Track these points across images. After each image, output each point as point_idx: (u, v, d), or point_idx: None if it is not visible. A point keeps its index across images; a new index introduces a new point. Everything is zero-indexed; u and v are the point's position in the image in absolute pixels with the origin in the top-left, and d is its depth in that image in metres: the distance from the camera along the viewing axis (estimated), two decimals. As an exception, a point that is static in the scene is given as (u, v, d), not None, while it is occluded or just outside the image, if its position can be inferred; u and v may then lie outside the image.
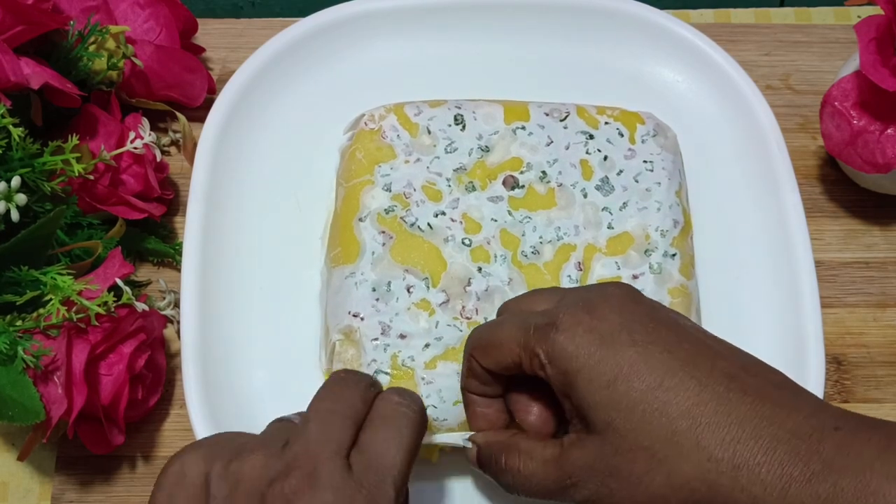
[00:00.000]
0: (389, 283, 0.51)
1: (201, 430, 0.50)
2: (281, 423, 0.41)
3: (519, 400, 0.46)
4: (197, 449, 0.39)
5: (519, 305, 0.47)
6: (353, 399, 0.41)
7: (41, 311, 0.49)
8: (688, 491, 0.38)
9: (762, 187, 0.58)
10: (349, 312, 0.51)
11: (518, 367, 0.44)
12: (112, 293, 0.50)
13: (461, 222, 0.53)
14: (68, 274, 0.50)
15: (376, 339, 0.50)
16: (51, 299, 0.49)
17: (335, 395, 0.42)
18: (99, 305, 0.49)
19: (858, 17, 0.67)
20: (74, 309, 0.49)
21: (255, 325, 0.55)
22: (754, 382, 0.40)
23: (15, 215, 0.49)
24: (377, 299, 0.51)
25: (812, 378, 0.54)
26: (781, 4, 0.72)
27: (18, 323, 0.50)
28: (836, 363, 0.57)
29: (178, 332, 0.57)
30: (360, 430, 0.40)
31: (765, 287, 0.56)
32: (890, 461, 0.36)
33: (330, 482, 0.38)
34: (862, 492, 0.35)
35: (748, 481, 0.37)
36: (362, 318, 0.50)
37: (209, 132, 0.57)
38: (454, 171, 0.54)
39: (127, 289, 0.50)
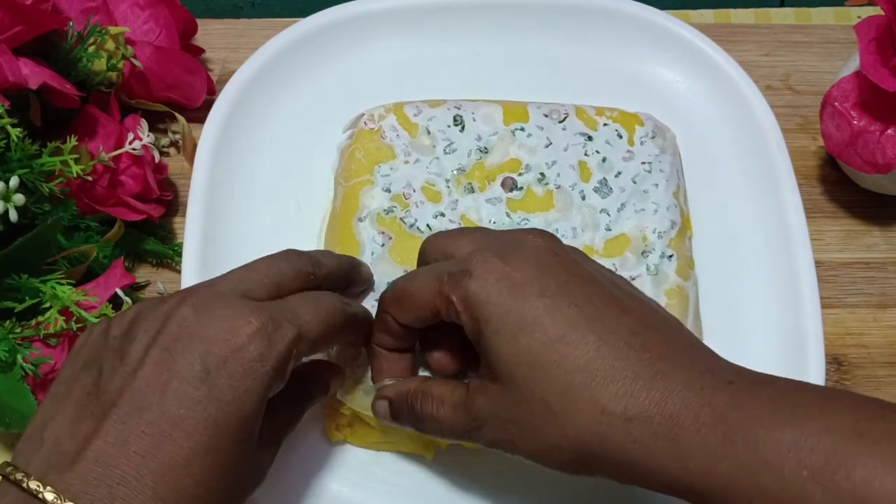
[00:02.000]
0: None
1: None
2: None
3: (428, 341, 0.47)
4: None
5: (438, 245, 0.47)
6: (283, 267, 0.43)
7: (40, 318, 0.49)
8: (581, 444, 0.39)
9: (762, 188, 0.58)
10: None
11: (434, 318, 0.44)
12: (111, 304, 0.50)
13: (460, 224, 0.53)
14: (68, 283, 0.50)
15: None
16: (50, 307, 0.49)
17: (265, 260, 0.43)
18: (97, 318, 0.49)
19: (858, 17, 0.67)
20: (73, 319, 0.49)
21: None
22: (656, 339, 0.40)
23: (13, 216, 0.49)
24: (377, 300, 0.51)
25: (812, 378, 0.53)
26: (781, 5, 0.71)
27: (18, 330, 0.50)
28: (836, 364, 0.57)
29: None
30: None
31: (765, 287, 0.56)
32: (777, 412, 0.37)
33: (227, 302, 0.39)
34: (750, 440, 0.36)
35: (640, 433, 0.38)
36: (368, 312, 0.50)
37: (209, 132, 0.57)
38: (453, 172, 0.54)
39: (127, 299, 0.50)
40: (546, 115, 0.56)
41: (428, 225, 0.52)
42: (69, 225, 0.55)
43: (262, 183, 0.58)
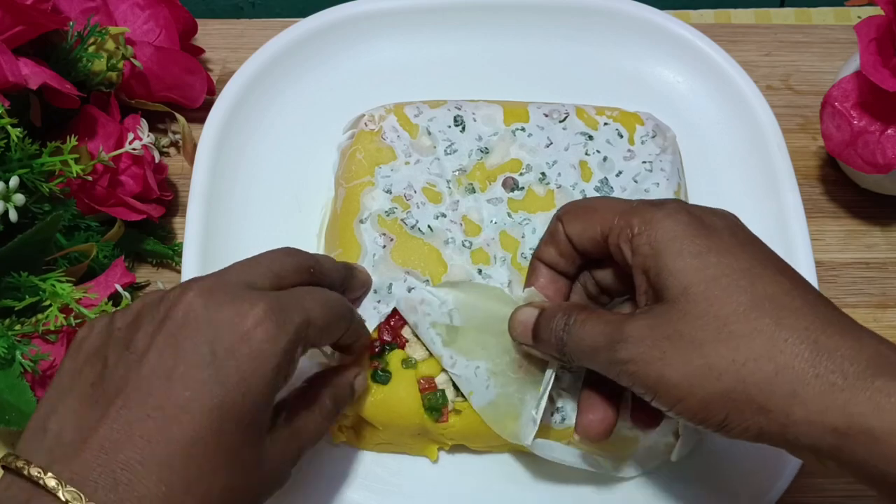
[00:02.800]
0: (390, 286, 0.51)
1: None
2: None
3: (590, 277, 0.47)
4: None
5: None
6: (284, 261, 0.43)
7: (40, 316, 0.49)
8: (751, 367, 0.37)
9: (762, 187, 0.58)
10: None
11: (601, 243, 0.44)
12: (111, 301, 0.50)
13: (461, 224, 0.53)
14: (67, 281, 0.50)
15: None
16: (50, 305, 0.49)
17: (266, 254, 0.44)
18: (97, 314, 0.48)
19: (858, 17, 0.67)
20: (73, 315, 0.49)
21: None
22: (837, 311, 0.39)
23: (13, 215, 0.49)
24: (378, 301, 0.51)
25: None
26: (782, 5, 0.71)
27: (17, 327, 0.50)
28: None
29: (177, 333, 0.57)
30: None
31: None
32: None
33: (232, 289, 0.39)
34: None
35: (827, 369, 0.36)
36: (364, 320, 0.50)
37: (209, 132, 0.57)
38: (454, 172, 0.54)
39: (126, 295, 0.50)
40: (546, 115, 0.56)
41: (429, 226, 0.52)
42: (69, 225, 0.55)
43: (262, 183, 0.58)
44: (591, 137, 0.55)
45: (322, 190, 0.57)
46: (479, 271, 0.52)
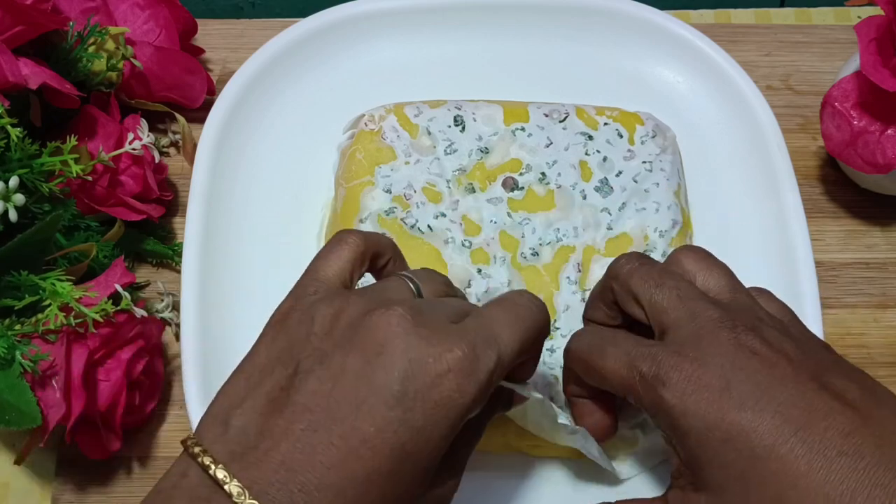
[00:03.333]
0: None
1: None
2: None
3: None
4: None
5: (631, 287, 0.45)
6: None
7: (39, 315, 0.49)
8: None
9: (762, 188, 0.58)
10: None
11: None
12: (111, 300, 0.50)
13: (461, 224, 0.53)
14: (67, 280, 0.50)
15: None
16: (49, 304, 0.49)
17: (434, 275, 0.43)
18: (97, 313, 0.48)
19: (858, 17, 0.67)
20: (73, 314, 0.49)
21: (256, 325, 0.54)
22: (869, 439, 0.37)
23: (13, 215, 0.49)
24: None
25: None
26: (782, 5, 0.71)
27: (17, 327, 0.49)
28: (836, 364, 0.57)
29: (176, 335, 0.57)
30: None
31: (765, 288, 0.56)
32: None
33: (432, 324, 0.38)
34: None
35: None
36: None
37: (209, 132, 0.57)
38: (454, 172, 0.54)
39: (126, 294, 0.50)
40: (546, 115, 0.56)
41: (429, 226, 0.52)
42: (69, 225, 0.55)
43: (262, 183, 0.58)
44: (590, 137, 0.55)
45: (322, 190, 0.57)
46: (479, 271, 0.52)
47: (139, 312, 0.51)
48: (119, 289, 0.50)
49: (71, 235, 0.55)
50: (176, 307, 0.56)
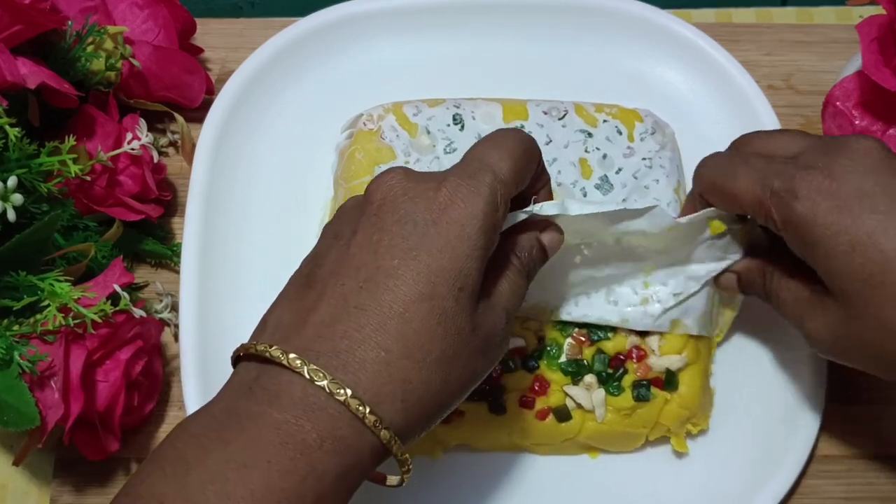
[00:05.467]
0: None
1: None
2: None
3: None
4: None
5: (756, 145, 0.48)
6: None
7: (38, 316, 0.49)
8: None
9: (764, 188, 0.58)
10: None
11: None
12: (109, 300, 0.49)
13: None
14: (66, 280, 0.50)
15: None
16: (48, 305, 0.49)
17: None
18: (96, 313, 0.48)
19: (860, 16, 0.66)
20: (71, 315, 0.48)
21: (254, 325, 0.55)
22: None
23: (11, 215, 0.49)
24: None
25: (812, 379, 0.53)
26: (783, 4, 0.71)
27: (15, 328, 0.49)
28: (839, 364, 0.57)
29: (175, 335, 0.57)
30: None
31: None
32: None
33: (421, 174, 0.41)
34: None
35: None
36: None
37: (208, 132, 0.57)
38: (453, 171, 0.54)
39: (125, 295, 0.50)
40: (545, 113, 0.56)
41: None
42: (68, 225, 0.55)
43: (261, 183, 0.58)
44: (590, 135, 0.55)
45: (322, 190, 0.57)
46: None
47: (138, 313, 0.51)
48: (118, 289, 0.50)
49: (69, 235, 0.55)
50: (175, 307, 0.56)
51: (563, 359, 0.51)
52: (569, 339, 0.51)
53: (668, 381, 0.51)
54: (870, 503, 0.54)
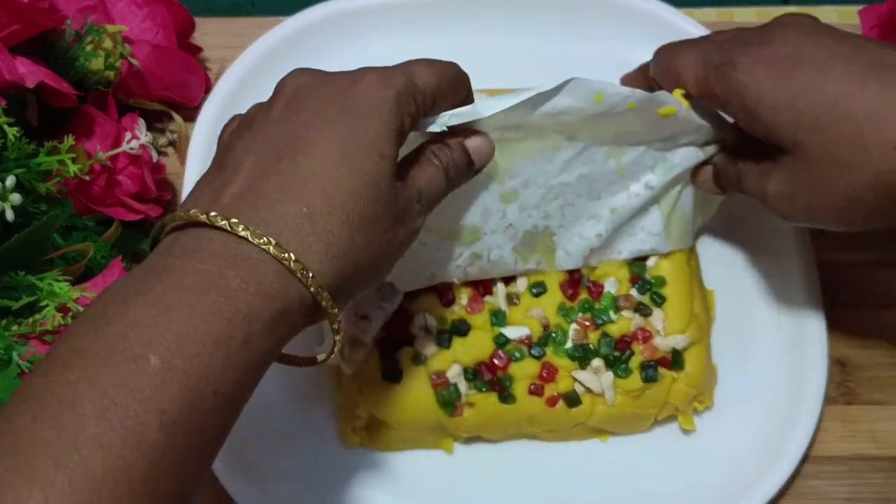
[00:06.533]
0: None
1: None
2: None
3: None
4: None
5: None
6: None
7: (37, 316, 0.49)
8: (882, 183, 0.41)
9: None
10: (356, 314, 0.50)
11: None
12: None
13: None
14: (65, 280, 0.50)
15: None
16: (47, 304, 0.49)
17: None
18: None
19: (862, 16, 0.66)
20: (70, 315, 0.48)
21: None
22: None
23: (10, 215, 0.49)
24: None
25: (813, 380, 0.53)
26: (785, 3, 0.71)
27: (14, 328, 0.49)
28: (839, 365, 0.57)
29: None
30: None
31: (766, 289, 0.56)
32: None
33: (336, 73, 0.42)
34: None
35: None
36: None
37: (201, 129, 0.57)
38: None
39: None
40: None
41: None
42: (66, 225, 0.55)
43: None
44: None
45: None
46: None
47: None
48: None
49: (68, 235, 0.55)
50: (174, 307, 0.56)
51: (569, 344, 0.51)
52: (573, 325, 0.51)
53: (675, 360, 0.52)
54: (871, 504, 0.54)
